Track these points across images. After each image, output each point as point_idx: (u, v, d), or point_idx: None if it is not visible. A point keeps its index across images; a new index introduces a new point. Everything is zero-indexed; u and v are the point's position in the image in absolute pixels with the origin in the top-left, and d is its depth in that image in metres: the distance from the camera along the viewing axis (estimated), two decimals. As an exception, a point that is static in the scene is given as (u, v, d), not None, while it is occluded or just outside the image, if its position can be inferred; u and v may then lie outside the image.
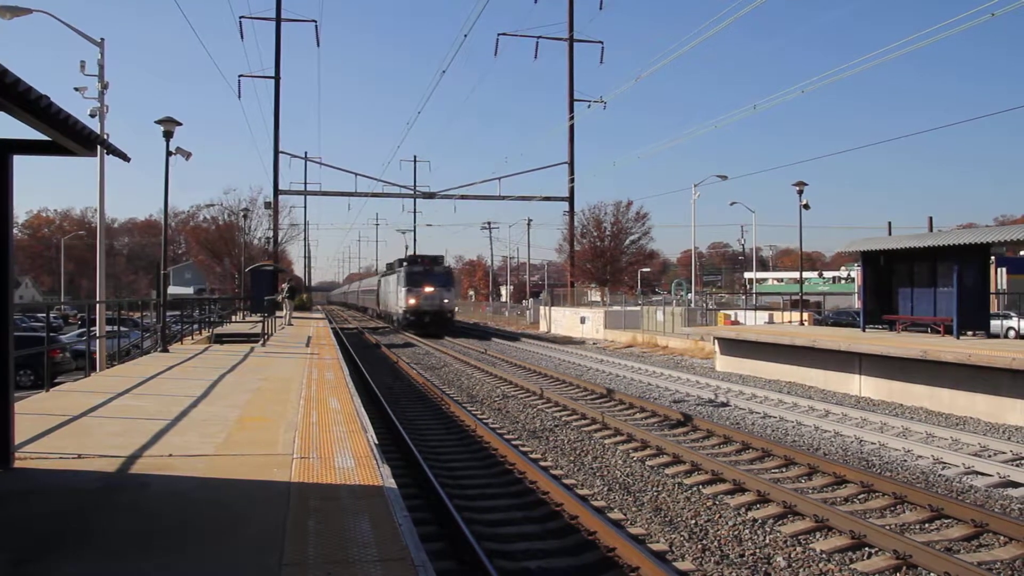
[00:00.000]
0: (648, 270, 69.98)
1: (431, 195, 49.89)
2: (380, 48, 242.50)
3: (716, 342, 23.78)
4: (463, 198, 49.26)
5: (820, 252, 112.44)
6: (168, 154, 18.82)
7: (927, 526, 7.81)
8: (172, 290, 34.94)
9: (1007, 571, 6.60)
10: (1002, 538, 7.29)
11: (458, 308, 49.39)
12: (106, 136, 18.05)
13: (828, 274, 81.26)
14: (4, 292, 6.00)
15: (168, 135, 18.35)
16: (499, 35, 49.98)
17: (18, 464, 6.08)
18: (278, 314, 27.97)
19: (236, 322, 31.37)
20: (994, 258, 26.02)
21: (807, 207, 31.38)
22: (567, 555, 6.91)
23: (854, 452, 11.31)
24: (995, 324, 23.09)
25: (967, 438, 11.79)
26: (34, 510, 4.98)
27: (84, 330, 20.37)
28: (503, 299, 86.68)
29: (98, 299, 22.68)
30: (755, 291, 57.63)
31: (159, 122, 18.20)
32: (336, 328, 37.97)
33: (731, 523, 7.92)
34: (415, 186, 52.87)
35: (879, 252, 20.06)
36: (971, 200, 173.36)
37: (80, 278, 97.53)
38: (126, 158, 7.02)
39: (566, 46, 48.15)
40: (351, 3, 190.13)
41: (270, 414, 8.68)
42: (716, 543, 7.34)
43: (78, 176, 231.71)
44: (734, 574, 6.60)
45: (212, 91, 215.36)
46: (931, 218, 36.15)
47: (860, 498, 8.82)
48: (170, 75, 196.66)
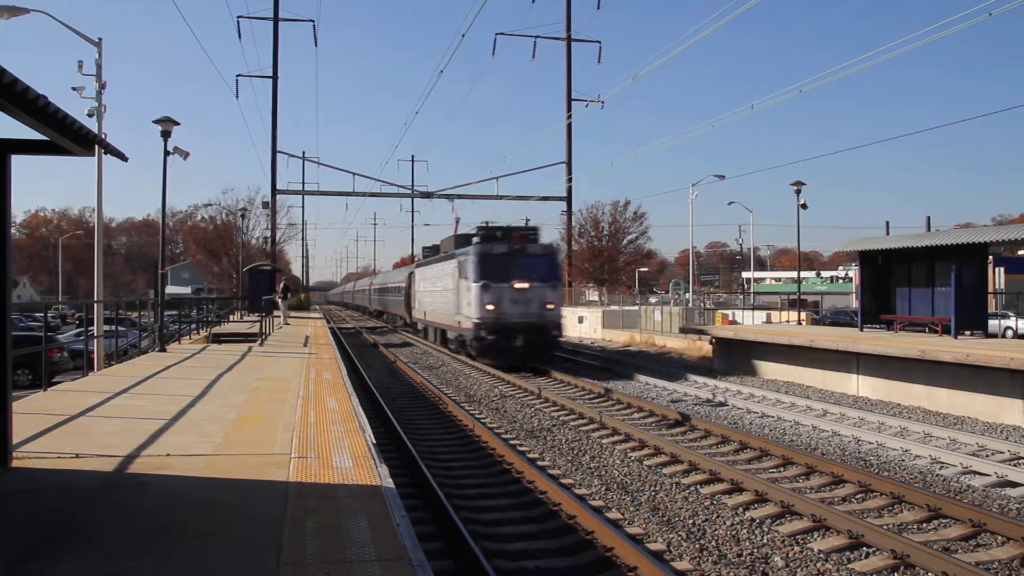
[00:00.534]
0: (646, 270, 69.95)
1: (429, 195, 49.87)
2: (378, 48, 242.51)
3: (714, 341, 23.80)
4: (461, 198, 49.19)
5: (818, 252, 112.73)
6: (166, 154, 18.84)
7: (925, 526, 7.83)
8: (170, 290, 34.92)
9: (1005, 571, 6.61)
10: (1000, 538, 7.31)
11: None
12: (104, 136, 18.01)
13: (826, 274, 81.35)
14: (2, 291, 5.99)
15: (166, 135, 18.36)
16: (497, 35, 50.08)
17: (16, 463, 6.07)
18: (276, 314, 27.98)
19: (234, 322, 31.39)
20: (992, 258, 26.01)
21: (805, 207, 31.42)
22: (565, 555, 6.92)
23: (852, 452, 11.32)
24: (993, 324, 23.09)
25: (965, 438, 11.80)
26: (32, 509, 4.97)
27: (82, 329, 20.34)
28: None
29: (96, 298, 22.64)
30: (753, 291, 57.67)
31: (157, 122, 18.22)
32: (334, 328, 37.95)
33: (729, 523, 7.93)
34: (413, 186, 52.88)
35: (877, 252, 20.07)
36: (969, 200, 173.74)
37: (78, 277, 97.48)
38: (124, 158, 7.02)
39: (564, 46, 48.27)
40: (349, 3, 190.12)
41: (268, 414, 8.67)
42: (714, 543, 7.35)
43: (76, 176, 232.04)
44: (732, 574, 6.60)
45: (210, 91, 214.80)
46: (928, 218, 36.27)
47: (858, 498, 8.84)
48: (168, 75, 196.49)
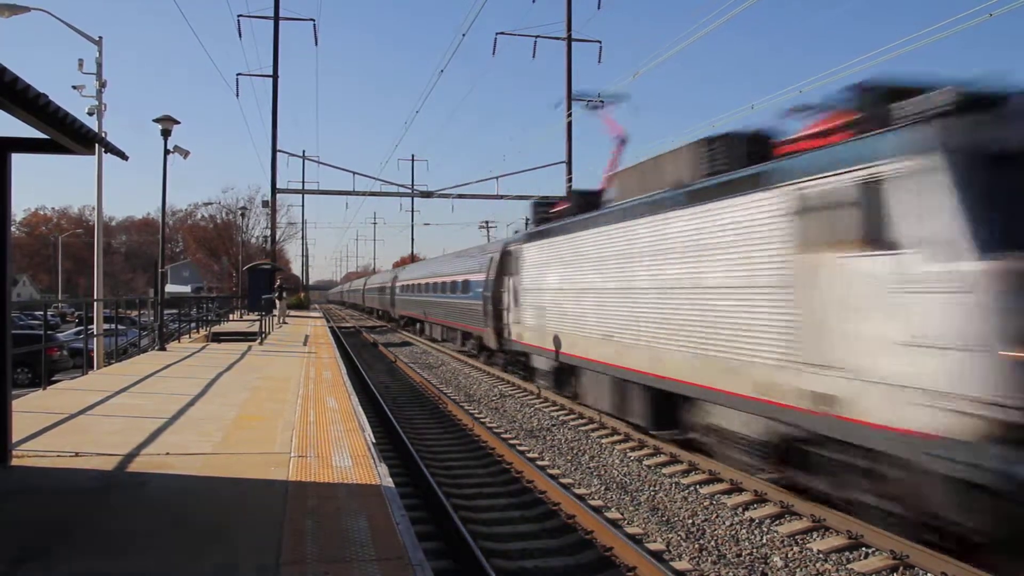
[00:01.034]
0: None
1: (429, 194, 49.78)
2: (378, 47, 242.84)
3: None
4: (461, 197, 49.12)
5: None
6: (166, 152, 18.85)
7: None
8: (170, 288, 34.89)
9: (1004, 571, 6.60)
10: (998, 538, 7.30)
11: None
12: (104, 134, 18.01)
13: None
14: (2, 290, 6.00)
15: (166, 133, 18.37)
16: (497, 34, 49.59)
17: (16, 462, 6.08)
18: (273, 312, 27.97)
19: (234, 321, 31.40)
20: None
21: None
22: (564, 554, 6.92)
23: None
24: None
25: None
26: (32, 508, 4.98)
27: (82, 328, 20.35)
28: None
29: (96, 297, 22.63)
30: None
31: (157, 120, 18.23)
32: (334, 327, 37.96)
33: (728, 523, 7.93)
34: (413, 185, 52.71)
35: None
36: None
37: (78, 276, 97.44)
38: (124, 156, 7.03)
39: (564, 45, 48.20)
40: (349, 3, 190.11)
41: (268, 413, 8.68)
42: (713, 543, 7.35)
43: (76, 174, 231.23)
44: (731, 574, 6.61)
45: (210, 90, 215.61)
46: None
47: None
48: (168, 74, 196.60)
